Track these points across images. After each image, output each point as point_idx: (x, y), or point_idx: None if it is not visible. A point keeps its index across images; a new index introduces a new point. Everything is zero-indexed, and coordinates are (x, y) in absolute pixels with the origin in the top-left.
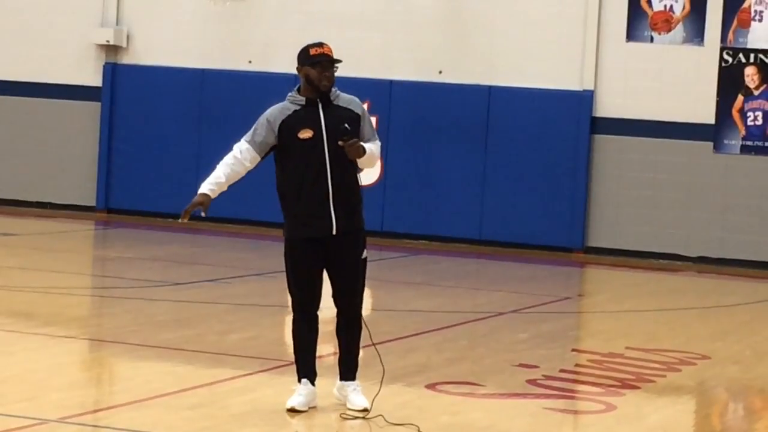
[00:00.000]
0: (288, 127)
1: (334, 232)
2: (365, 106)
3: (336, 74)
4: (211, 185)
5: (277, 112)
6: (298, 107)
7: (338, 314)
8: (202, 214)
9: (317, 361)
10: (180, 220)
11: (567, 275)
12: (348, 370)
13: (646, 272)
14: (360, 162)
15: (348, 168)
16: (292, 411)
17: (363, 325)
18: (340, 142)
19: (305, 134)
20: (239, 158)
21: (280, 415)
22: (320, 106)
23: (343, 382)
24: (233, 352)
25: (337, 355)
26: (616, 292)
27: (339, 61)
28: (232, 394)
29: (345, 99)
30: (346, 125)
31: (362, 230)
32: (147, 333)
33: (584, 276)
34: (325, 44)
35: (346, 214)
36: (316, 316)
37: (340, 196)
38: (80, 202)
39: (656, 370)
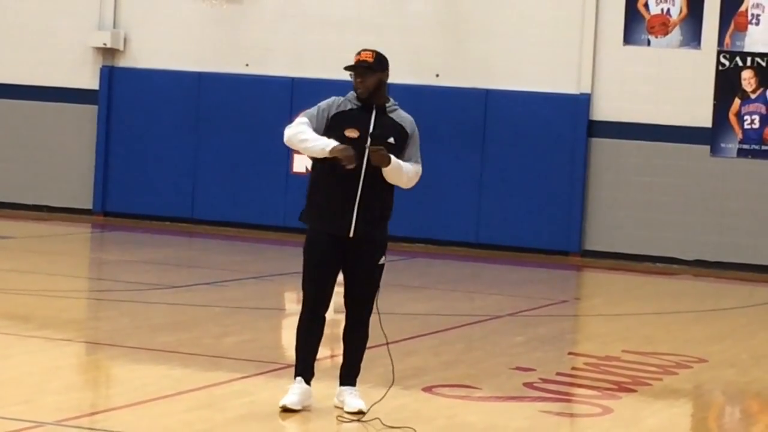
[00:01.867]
0: (339, 120)
1: (351, 235)
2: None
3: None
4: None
5: (337, 102)
6: (354, 107)
7: (346, 318)
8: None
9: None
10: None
11: (564, 278)
12: (348, 375)
13: (643, 275)
14: (385, 173)
15: (382, 178)
16: (285, 410)
17: (380, 329)
18: (366, 144)
19: (351, 133)
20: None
21: (277, 418)
22: (374, 112)
23: (342, 387)
24: (230, 355)
25: (333, 359)
26: (612, 295)
27: (358, 66)
28: (228, 397)
29: (401, 115)
30: (392, 139)
31: (382, 240)
32: (143, 336)
33: (581, 279)
34: (365, 51)
35: (367, 221)
36: (323, 318)
37: (366, 201)
38: (77, 205)
39: (653, 373)
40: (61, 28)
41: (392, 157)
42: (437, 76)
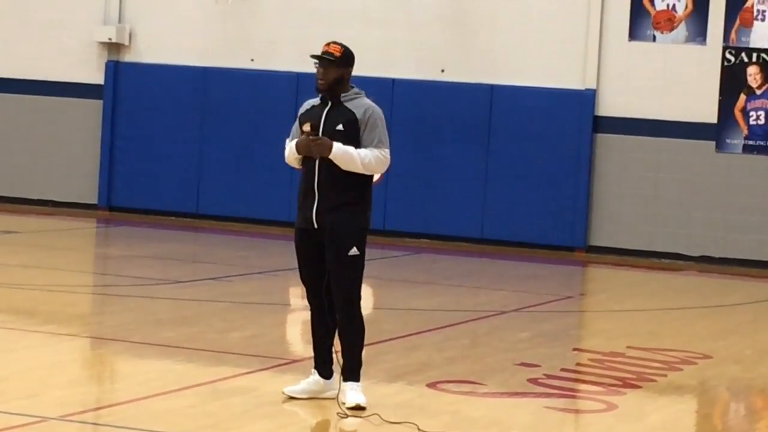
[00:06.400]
0: (302, 119)
1: (315, 226)
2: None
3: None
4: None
5: (305, 106)
6: (317, 103)
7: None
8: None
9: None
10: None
11: (569, 274)
12: (345, 369)
13: (648, 271)
14: (337, 162)
15: (339, 167)
16: (289, 397)
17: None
18: (307, 136)
19: (306, 127)
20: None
21: (281, 414)
22: (329, 104)
23: (343, 383)
24: (234, 350)
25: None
26: (617, 291)
27: (323, 57)
28: (233, 392)
29: (358, 103)
30: (341, 126)
31: (348, 227)
32: (148, 331)
33: (586, 275)
34: (333, 43)
35: (326, 210)
36: (323, 308)
37: (323, 192)
38: (82, 199)
39: (658, 369)
40: (67, 23)
41: (337, 145)
42: (442, 71)
